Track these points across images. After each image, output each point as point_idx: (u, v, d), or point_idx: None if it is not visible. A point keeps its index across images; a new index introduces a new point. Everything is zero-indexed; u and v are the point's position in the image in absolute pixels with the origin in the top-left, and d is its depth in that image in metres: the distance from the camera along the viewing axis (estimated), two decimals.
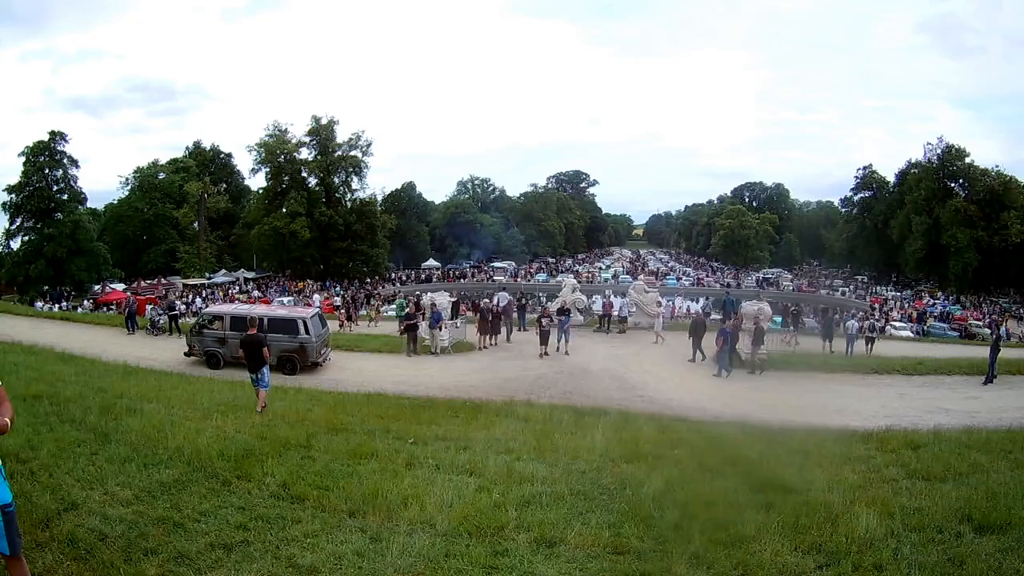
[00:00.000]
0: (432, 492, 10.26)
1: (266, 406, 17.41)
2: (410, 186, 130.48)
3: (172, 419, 14.62)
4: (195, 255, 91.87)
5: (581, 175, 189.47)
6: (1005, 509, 9.92)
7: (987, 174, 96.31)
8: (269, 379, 18.46)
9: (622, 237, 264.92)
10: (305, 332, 28.28)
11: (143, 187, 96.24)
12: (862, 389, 26.75)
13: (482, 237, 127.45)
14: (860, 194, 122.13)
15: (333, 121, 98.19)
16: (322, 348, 29.27)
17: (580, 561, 8.27)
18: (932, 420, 19.55)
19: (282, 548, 8.23)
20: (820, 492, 11.04)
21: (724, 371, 28.59)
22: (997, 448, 14.96)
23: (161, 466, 10.88)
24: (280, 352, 27.22)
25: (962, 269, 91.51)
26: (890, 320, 63.51)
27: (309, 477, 10.85)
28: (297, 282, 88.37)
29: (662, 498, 10.43)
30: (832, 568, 8.23)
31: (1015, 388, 27.36)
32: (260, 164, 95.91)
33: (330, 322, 43.54)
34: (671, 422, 18.81)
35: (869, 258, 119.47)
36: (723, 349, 28.84)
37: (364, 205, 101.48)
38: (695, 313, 39.52)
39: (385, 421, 16.67)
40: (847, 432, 17.00)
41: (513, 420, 17.48)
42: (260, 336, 19.07)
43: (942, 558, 8.44)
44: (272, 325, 27.80)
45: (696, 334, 31.92)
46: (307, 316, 29.10)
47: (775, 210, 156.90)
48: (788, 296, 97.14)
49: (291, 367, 27.85)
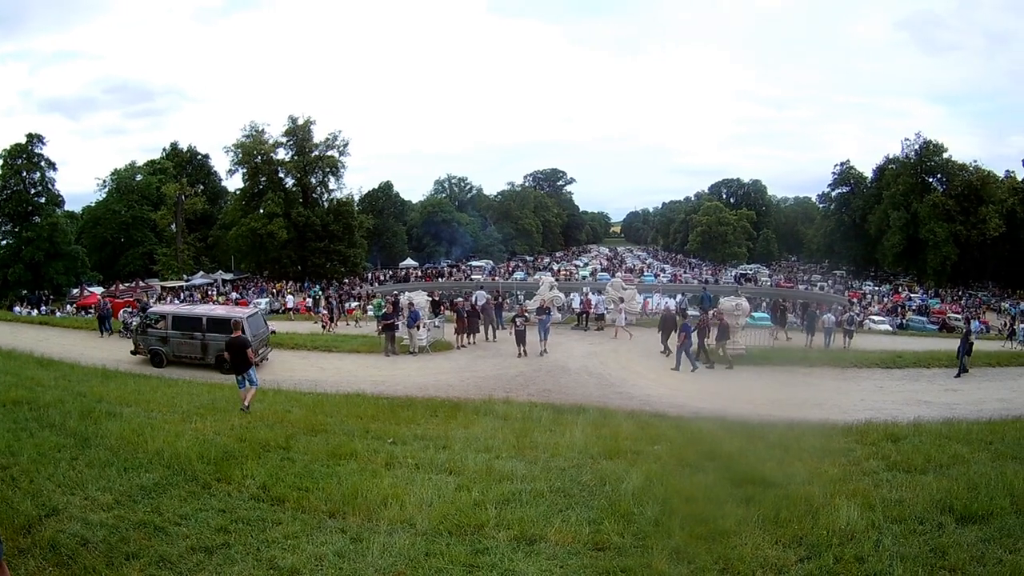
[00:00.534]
0: (412, 491, 10.30)
1: (248, 406, 17.50)
2: (387, 186, 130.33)
3: (151, 422, 14.63)
4: (173, 257, 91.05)
5: (558, 173, 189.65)
6: (987, 499, 9.99)
7: (965, 169, 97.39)
8: (256, 379, 18.78)
9: (599, 235, 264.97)
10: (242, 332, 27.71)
11: (120, 189, 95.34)
12: (841, 383, 26.89)
13: (460, 236, 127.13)
14: (838, 190, 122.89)
15: (310, 121, 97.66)
16: (260, 347, 29.01)
17: (560, 558, 8.30)
18: (912, 412, 19.59)
19: (263, 550, 8.27)
20: (800, 485, 11.09)
21: (691, 365, 28.74)
22: (977, 439, 15.06)
23: (141, 470, 10.88)
24: (218, 351, 27.29)
25: (940, 263, 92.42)
26: (869, 314, 63.71)
27: (289, 478, 10.87)
28: (275, 283, 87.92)
29: (642, 494, 10.44)
30: (813, 561, 8.26)
31: (994, 380, 27.59)
32: (237, 165, 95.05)
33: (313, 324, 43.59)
34: (650, 418, 18.82)
35: (847, 253, 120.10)
36: (684, 344, 28.93)
37: (341, 205, 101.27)
38: (664, 308, 39.49)
39: (364, 421, 16.67)
40: (827, 425, 17.11)
41: (492, 418, 17.46)
42: (244, 339, 19.37)
43: (924, 549, 8.49)
44: (211, 325, 28.57)
45: (664, 329, 32.22)
46: (244, 316, 29.07)
47: (752, 206, 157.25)
48: (767, 292, 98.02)
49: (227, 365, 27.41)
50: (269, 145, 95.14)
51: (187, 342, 28.89)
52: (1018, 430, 16.43)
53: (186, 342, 28.91)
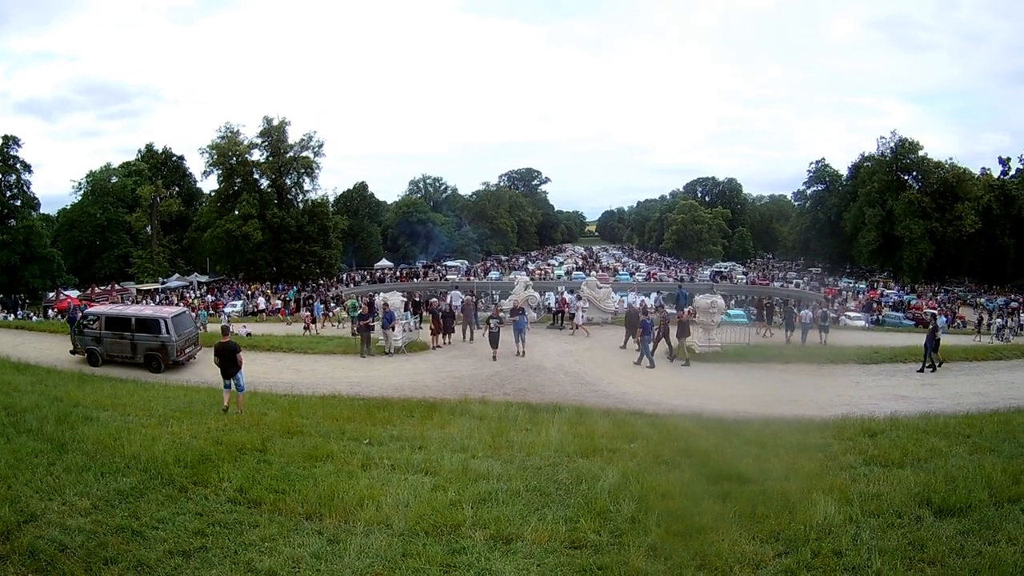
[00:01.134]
0: (388, 492, 10.28)
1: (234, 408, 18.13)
2: (362, 186, 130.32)
3: (128, 426, 14.59)
4: (148, 260, 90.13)
5: (533, 173, 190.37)
6: (965, 492, 10.07)
7: (940, 167, 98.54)
8: (243, 385, 19.08)
9: (575, 234, 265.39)
10: (166, 332, 29.16)
11: (96, 191, 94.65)
12: (818, 379, 27.14)
13: (435, 236, 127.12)
14: (813, 187, 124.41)
15: (285, 122, 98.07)
16: (186, 347, 30.31)
17: (537, 556, 8.30)
18: (889, 407, 19.82)
19: (240, 553, 8.24)
20: (777, 481, 11.17)
21: (648, 362, 28.95)
22: (955, 433, 15.19)
23: (118, 474, 10.82)
24: (146, 350, 29.21)
25: (916, 259, 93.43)
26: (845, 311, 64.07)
27: (265, 481, 10.83)
28: (250, 284, 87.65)
29: (618, 491, 10.45)
30: (791, 556, 8.28)
31: (971, 374, 27.88)
32: (212, 166, 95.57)
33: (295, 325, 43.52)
34: (626, 416, 18.92)
35: (822, 250, 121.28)
36: (643, 340, 29.26)
37: (316, 206, 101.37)
38: (629, 304, 39.58)
39: (340, 423, 16.65)
40: (803, 421, 17.26)
41: (468, 418, 17.50)
42: (233, 344, 19.45)
43: (902, 542, 8.53)
44: (139, 325, 29.59)
45: (630, 325, 32.46)
46: (169, 316, 29.93)
47: (728, 204, 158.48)
48: (742, 289, 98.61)
49: (156, 364, 29.05)
50: (244, 146, 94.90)
51: (118, 342, 29.61)
52: (996, 423, 16.62)
53: (117, 342, 29.64)
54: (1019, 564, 7.87)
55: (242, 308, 66.16)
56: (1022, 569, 7.78)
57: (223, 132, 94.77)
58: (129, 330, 29.37)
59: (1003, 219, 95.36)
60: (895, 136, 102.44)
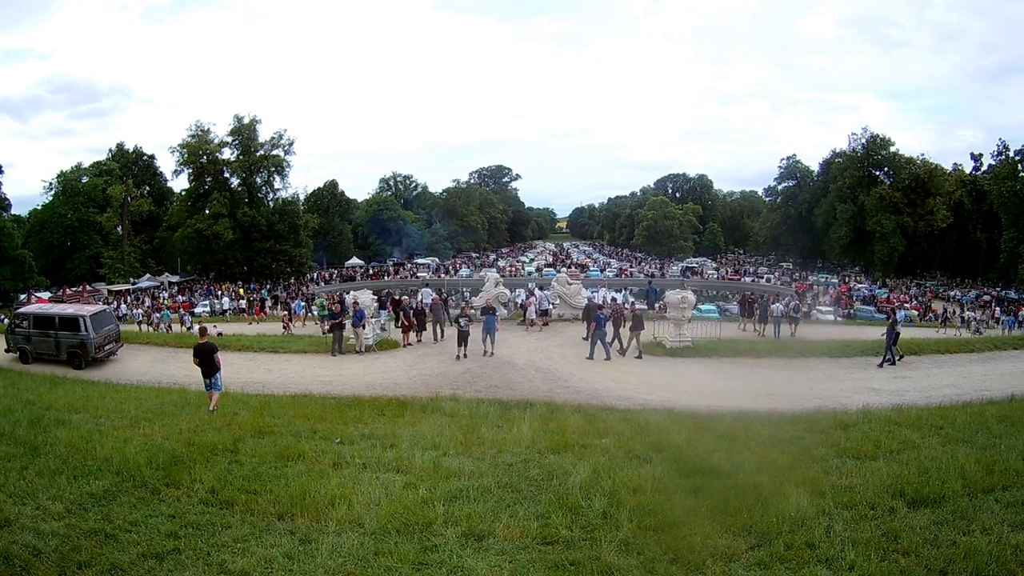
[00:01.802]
0: (360, 491, 10.31)
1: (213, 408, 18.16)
2: (332, 184, 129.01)
3: (100, 429, 14.61)
4: (119, 260, 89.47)
5: (503, 170, 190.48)
6: (938, 483, 10.19)
7: (912, 162, 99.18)
8: (221, 385, 19.36)
9: (545, 231, 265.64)
10: (85, 330, 29.70)
11: (66, 191, 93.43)
12: (789, 372, 27.25)
13: (405, 234, 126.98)
14: (784, 183, 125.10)
15: (255, 120, 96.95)
16: (105, 344, 30.93)
17: (509, 553, 8.35)
18: (861, 400, 19.88)
19: (213, 554, 8.27)
20: (749, 474, 11.23)
21: (606, 355, 29.27)
22: (927, 424, 15.36)
23: (91, 477, 10.84)
24: (68, 347, 29.84)
25: (888, 254, 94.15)
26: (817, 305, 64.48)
27: (237, 481, 10.85)
28: (221, 284, 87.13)
29: (589, 487, 10.50)
30: (764, 548, 8.33)
31: (943, 367, 28.15)
32: (183, 165, 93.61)
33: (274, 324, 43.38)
34: (597, 411, 18.92)
35: (794, 245, 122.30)
36: (595, 333, 29.54)
37: (287, 204, 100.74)
38: (587, 298, 39.66)
39: (311, 422, 16.61)
40: (775, 415, 17.26)
41: (439, 416, 17.46)
42: (212, 345, 19.69)
43: (876, 533, 8.61)
44: (61, 323, 30.28)
45: (589, 319, 32.36)
46: (88, 315, 30.50)
47: (698, 200, 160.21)
48: (713, 284, 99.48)
49: (77, 361, 29.56)
50: (215, 145, 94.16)
51: (44, 340, 30.31)
52: (968, 415, 16.81)
53: (44, 340, 30.33)
54: (994, 553, 7.92)
55: (210, 308, 65.75)
56: (997, 558, 7.83)
57: (193, 130, 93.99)
58: (53, 329, 30.10)
59: (975, 214, 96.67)
60: (866, 132, 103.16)
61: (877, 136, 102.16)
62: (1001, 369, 27.42)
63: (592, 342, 29.60)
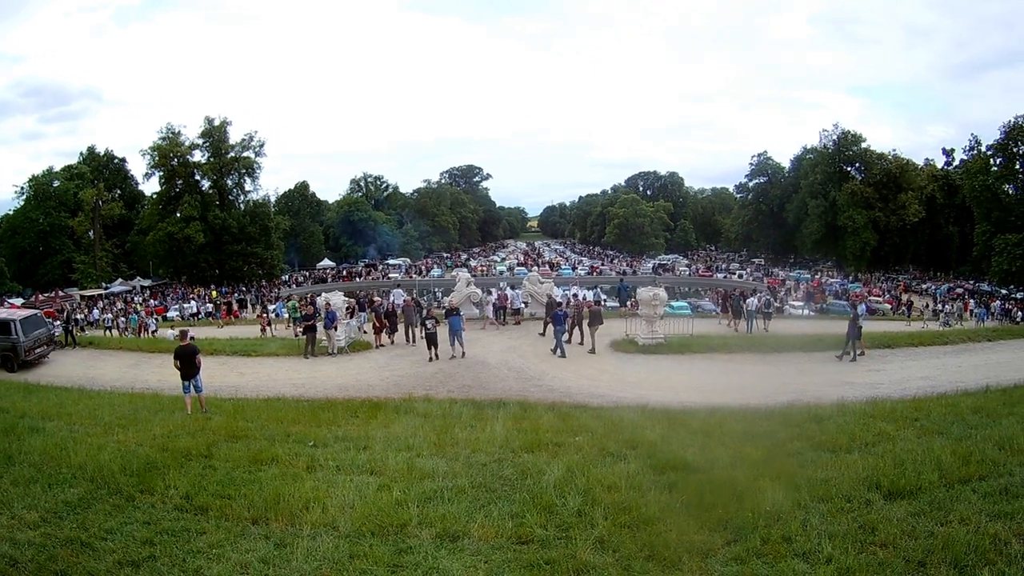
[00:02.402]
0: (334, 494, 10.30)
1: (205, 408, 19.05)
2: (303, 186, 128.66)
3: (74, 436, 14.49)
4: (91, 265, 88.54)
5: (474, 169, 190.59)
6: (914, 475, 10.26)
7: (883, 158, 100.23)
8: (202, 387, 19.75)
9: (516, 230, 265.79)
10: (15, 333, 30.16)
11: (38, 196, 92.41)
12: (763, 367, 27.45)
13: (376, 235, 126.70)
14: (755, 180, 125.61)
15: (226, 122, 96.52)
16: (36, 348, 31.35)
17: (484, 553, 8.35)
18: (835, 393, 19.91)
19: (188, 560, 8.28)
20: (723, 470, 11.31)
21: (560, 353, 29.46)
22: (903, 417, 15.49)
23: (66, 485, 10.78)
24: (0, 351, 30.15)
25: (860, 248, 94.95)
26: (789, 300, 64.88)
27: (211, 487, 10.83)
28: (193, 287, 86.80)
29: (563, 485, 10.49)
30: (740, 543, 8.33)
31: (917, 359, 28.46)
32: (153, 168, 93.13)
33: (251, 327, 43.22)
34: (571, 409, 18.90)
35: (765, 241, 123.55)
36: (556, 330, 29.82)
37: (258, 207, 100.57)
38: (547, 295, 39.74)
39: (284, 425, 16.53)
40: (749, 410, 17.33)
41: (412, 416, 17.43)
42: (193, 347, 20.00)
43: (853, 526, 8.64)
44: None
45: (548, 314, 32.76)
46: (18, 319, 31.19)
47: (669, 198, 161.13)
48: (685, 281, 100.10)
49: (9, 364, 29.95)
50: (185, 147, 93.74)
51: None
52: (943, 406, 16.94)
53: None
54: (973, 543, 7.95)
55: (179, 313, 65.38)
56: (976, 548, 7.86)
57: (164, 133, 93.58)
58: None
59: (947, 208, 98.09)
60: (837, 129, 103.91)
61: (848, 132, 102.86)
62: (975, 361, 27.73)
63: (557, 338, 29.78)
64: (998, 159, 79.13)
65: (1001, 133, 77.22)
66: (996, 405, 16.90)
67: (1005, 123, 76.95)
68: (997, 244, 75.14)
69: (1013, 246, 72.90)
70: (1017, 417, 14.76)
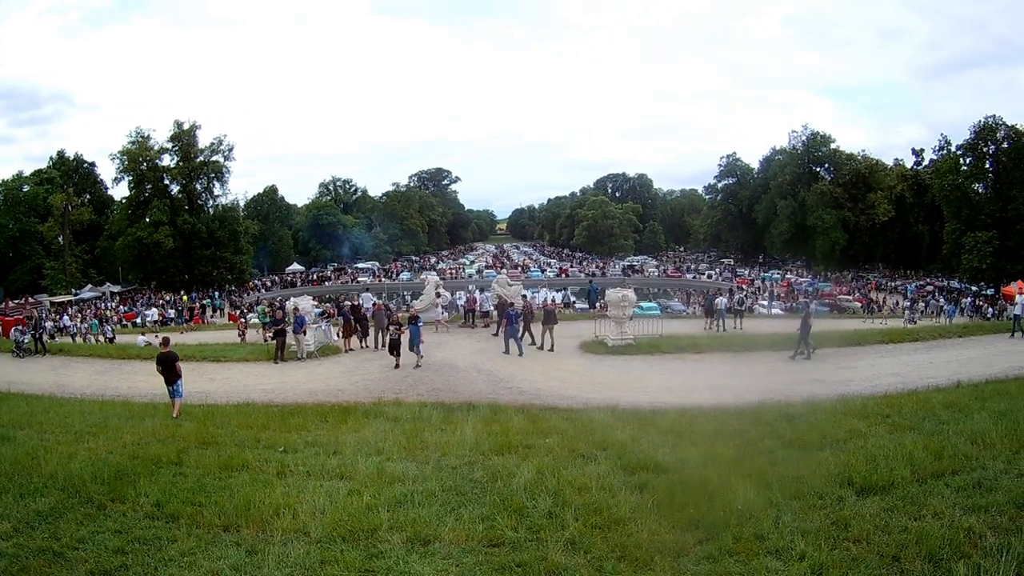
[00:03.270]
0: (304, 499, 10.24)
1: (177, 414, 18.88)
2: (272, 190, 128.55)
3: (45, 444, 14.39)
4: (61, 271, 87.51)
5: (443, 172, 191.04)
6: (887, 471, 10.30)
7: (853, 158, 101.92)
8: (182, 392, 19.91)
9: (485, 232, 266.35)
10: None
11: (8, 201, 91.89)
12: (732, 367, 27.55)
13: (345, 238, 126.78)
14: (724, 181, 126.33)
15: (195, 126, 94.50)
16: None
17: (456, 557, 8.32)
18: (806, 391, 19.99)
19: (160, 569, 8.25)
20: (694, 469, 11.34)
21: (518, 350, 29.99)
22: (874, 413, 15.60)
23: (37, 495, 10.68)
24: None
25: (829, 248, 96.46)
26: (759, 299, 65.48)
27: (182, 494, 10.77)
28: (163, 293, 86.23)
29: (534, 487, 10.50)
30: (712, 542, 8.32)
31: (887, 356, 28.72)
32: (122, 172, 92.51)
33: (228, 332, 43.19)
34: (541, 411, 18.96)
35: (735, 241, 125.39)
36: (508, 329, 30.41)
37: (227, 211, 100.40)
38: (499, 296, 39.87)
39: (255, 431, 16.47)
40: (719, 409, 17.46)
41: (382, 420, 17.44)
42: (173, 354, 20.30)
43: (825, 522, 8.67)
44: None
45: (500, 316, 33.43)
46: None
47: (638, 199, 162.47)
48: (654, 282, 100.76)
49: None
50: (154, 151, 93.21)
51: None
52: (915, 402, 17.11)
53: None
54: (947, 537, 7.98)
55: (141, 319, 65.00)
56: (951, 541, 7.89)
57: (133, 137, 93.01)
58: None
59: (917, 207, 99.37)
60: (807, 130, 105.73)
61: (817, 133, 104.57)
62: (946, 357, 28.03)
63: (506, 338, 30.29)
64: (968, 159, 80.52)
65: (971, 133, 78.45)
66: (968, 400, 17.06)
67: (975, 123, 78.18)
68: (967, 242, 76.47)
69: (983, 244, 74.40)
70: (989, 412, 14.84)
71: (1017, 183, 75.07)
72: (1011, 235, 74.06)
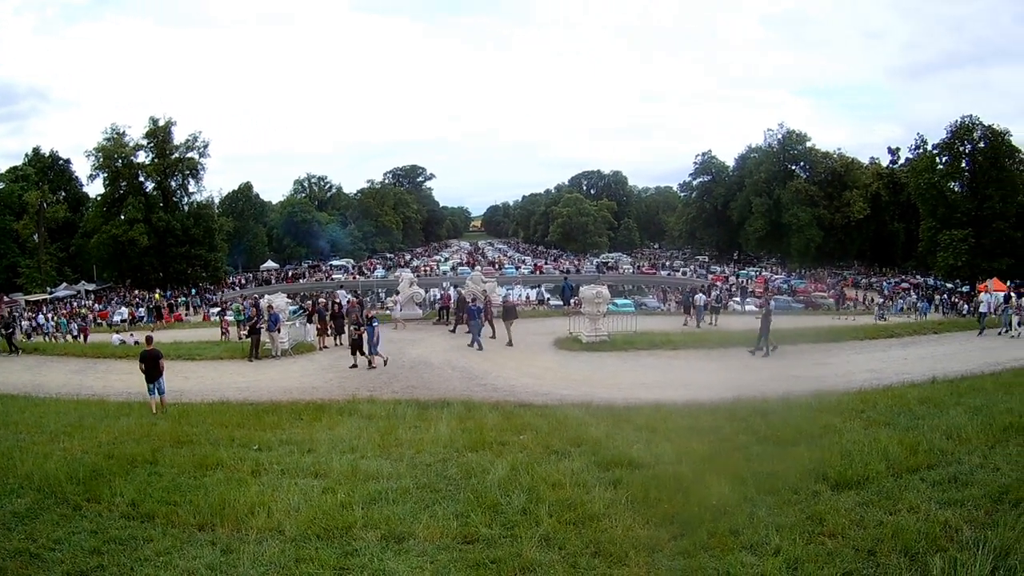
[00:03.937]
0: (279, 498, 10.25)
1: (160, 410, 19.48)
2: (247, 187, 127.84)
3: (20, 445, 14.36)
4: (36, 269, 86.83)
5: (418, 170, 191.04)
6: (861, 465, 10.36)
7: (828, 157, 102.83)
8: (164, 388, 20.34)
9: (460, 229, 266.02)
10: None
11: None
12: (707, 363, 27.66)
13: (320, 235, 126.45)
14: (699, 179, 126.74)
15: (170, 123, 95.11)
16: None
17: (430, 554, 8.33)
18: (781, 387, 20.00)
19: (136, 569, 8.24)
20: (669, 465, 11.35)
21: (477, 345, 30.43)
22: (849, 409, 15.70)
23: (13, 496, 10.70)
24: None
25: (804, 245, 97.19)
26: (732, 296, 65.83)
27: (157, 493, 10.76)
28: (137, 291, 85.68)
29: (508, 484, 10.52)
30: (687, 538, 8.33)
31: (862, 352, 29.04)
32: (97, 169, 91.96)
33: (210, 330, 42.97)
34: (515, 408, 18.93)
35: (710, 239, 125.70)
36: (470, 325, 31.12)
37: (202, 208, 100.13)
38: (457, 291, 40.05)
39: (229, 429, 16.39)
40: (693, 405, 17.54)
41: (356, 418, 17.43)
42: (157, 351, 20.72)
43: (800, 517, 8.70)
44: None
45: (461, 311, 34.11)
46: None
47: (613, 197, 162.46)
48: (629, 279, 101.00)
49: None
50: (129, 148, 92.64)
51: None
52: (889, 398, 17.30)
53: None
54: (923, 531, 8.02)
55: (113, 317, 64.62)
56: (927, 535, 7.92)
57: (109, 134, 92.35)
58: None
59: (892, 205, 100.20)
60: (782, 128, 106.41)
61: (793, 132, 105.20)
62: (920, 352, 28.38)
63: (474, 334, 30.63)
64: (944, 157, 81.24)
65: (947, 132, 79.15)
66: (943, 396, 17.25)
67: (951, 123, 78.89)
68: (943, 240, 77.27)
69: (958, 241, 75.20)
70: (965, 407, 15.00)
71: (993, 182, 76.12)
72: (986, 233, 75.04)
